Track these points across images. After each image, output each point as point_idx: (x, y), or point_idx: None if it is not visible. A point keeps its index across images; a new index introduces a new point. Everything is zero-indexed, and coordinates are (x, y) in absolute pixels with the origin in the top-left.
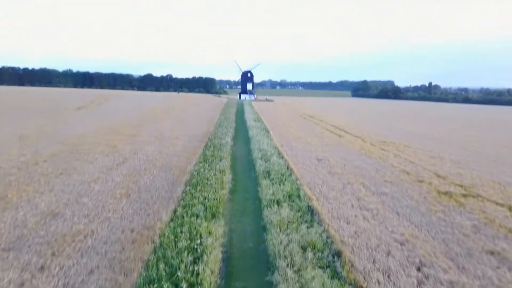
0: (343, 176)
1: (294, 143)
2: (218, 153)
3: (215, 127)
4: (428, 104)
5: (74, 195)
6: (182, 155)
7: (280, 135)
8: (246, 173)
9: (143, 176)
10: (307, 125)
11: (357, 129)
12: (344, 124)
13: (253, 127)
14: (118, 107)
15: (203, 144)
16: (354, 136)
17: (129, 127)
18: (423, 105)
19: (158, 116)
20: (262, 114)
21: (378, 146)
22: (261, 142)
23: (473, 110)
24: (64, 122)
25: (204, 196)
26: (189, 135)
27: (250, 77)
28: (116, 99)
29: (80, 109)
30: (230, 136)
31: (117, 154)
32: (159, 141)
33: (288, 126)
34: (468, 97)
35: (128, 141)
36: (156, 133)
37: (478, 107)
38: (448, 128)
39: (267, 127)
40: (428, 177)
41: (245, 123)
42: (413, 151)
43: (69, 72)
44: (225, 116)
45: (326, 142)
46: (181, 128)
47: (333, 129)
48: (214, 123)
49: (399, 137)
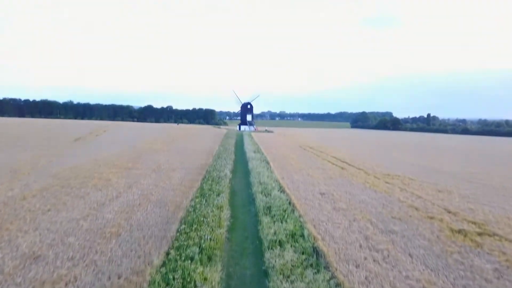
0: (348, 212)
1: (295, 175)
2: (216, 186)
3: (214, 158)
4: (427, 135)
5: (60, 234)
6: (178, 189)
7: (281, 167)
8: (246, 208)
9: (136, 212)
10: (308, 156)
11: (359, 161)
12: (345, 155)
13: (253, 158)
14: (116, 139)
15: (201, 176)
16: (357, 169)
17: (125, 159)
18: (423, 136)
19: (156, 148)
20: (262, 145)
21: (382, 179)
22: (261, 175)
23: (473, 141)
24: (59, 154)
25: (200, 236)
26: (187, 167)
27: (249, 108)
28: (115, 130)
29: (77, 140)
30: (229, 168)
31: (110, 188)
32: (155, 173)
33: (289, 158)
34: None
35: (123, 174)
36: (153, 165)
37: (477, 138)
38: (451, 160)
39: (267, 159)
40: (438, 213)
41: (245, 155)
42: (419, 185)
43: (70, 103)
44: (225, 147)
45: (329, 174)
46: (179, 160)
47: (335, 161)
48: (213, 155)
49: (403, 170)
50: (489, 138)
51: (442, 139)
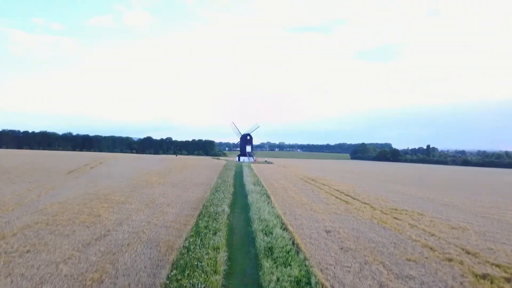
0: (358, 253)
1: (298, 210)
2: (212, 224)
3: (212, 192)
4: (428, 166)
5: (35, 281)
6: (172, 226)
7: (282, 201)
8: (245, 249)
9: (124, 254)
10: (309, 189)
11: (364, 194)
12: (348, 188)
13: (253, 191)
14: (112, 171)
15: (197, 212)
16: (362, 203)
17: (119, 192)
18: (424, 168)
19: (152, 180)
20: (262, 177)
21: (390, 214)
22: (262, 210)
23: (475, 173)
24: (50, 188)
25: (193, 284)
26: (183, 202)
27: (249, 139)
28: (112, 162)
29: (71, 173)
30: (227, 202)
31: (99, 225)
32: (149, 208)
33: (290, 191)
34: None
35: (114, 209)
36: (147, 200)
37: (478, 170)
38: (457, 193)
39: (268, 192)
40: (457, 254)
41: (244, 187)
42: (430, 220)
43: (69, 135)
44: (223, 179)
45: (333, 209)
46: (175, 194)
47: (338, 194)
48: (211, 188)
49: (409, 204)
50: (490, 169)
51: (444, 171)
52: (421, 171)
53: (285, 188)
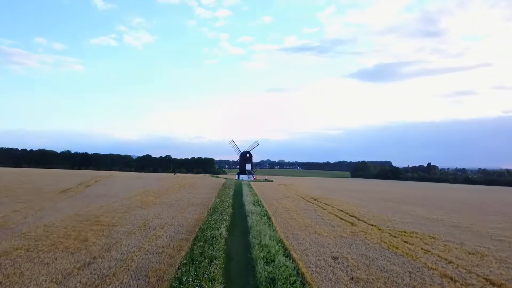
0: (370, 285)
1: (301, 234)
2: (208, 250)
3: (209, 213)
4: (429, 185)
5: None
6: (165, 252)
7: (284, 223)
8: (244, 280)
9: (108, 286)
10: (312, 209)
11: (369, 215)
12: (352, 208)
13: (252, 212)
14: (107, 190)
15: (193, 235)
16: (368, 224)
17: (111, 213)
18: (426, 186)
19: (147, 200)
20: (262, 196)
21: (399, 237)
22: (262, 234)
23: (478, 191)
24: (39, 208)
25: None
26: (178, 224)
27: (249, 157)
28: (108, 181)
29: (64, 192)
30: (225, 225)
31: (84, 251)
32: (141, 231)
33: (292, 211)
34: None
35: (104, 233)
36: (140, 221)
37: (480, 188)
38: (464, 213)
39: (268, 213)
40: (481, 286)
41: (243, 207)
42: (443, 245)
43: (67, 153)
44: (222, 199)
45: (339, 232)
46: (170, 215)
47: (342, 215)
48: (208, 208)
49: (418, 225)
50: (492, 188)
51: (447, 189)
52: (424, 190)
53: (287, 209)
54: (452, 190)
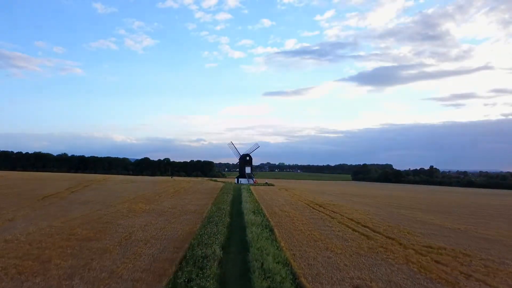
0: None
1: (311, 251)
2: (197, 278)
3: (203, 223)
4: (433, 188)
5: None
6: (142, 280)
7: (290, 237)
8: None
9: None
10: (319, 218)
11: (383, 224)
12: (363, 217)
13: (252, 223)
14: (94, 196)
15: (181, 254)
16: (386, 237)
17: (90, 224)
18: (430, 190)
19: (136, 208)
20: (263, 203)
21: (427, 255)
22: (265, 253)
23: (487, 195)
24: (9, 218)
25: None
26: (166, 237)
27: (248, 160)
28: (99, 185)
29: (45, 198)
30: (220, 240)
31: (40, 278)
32: (120, 248)
33: (297, 221)
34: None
35: (74, 250)
36: (122, 235)
37: (486, 192)
38: (486, 220)
39: (271, 224)
40: None
41: (242, 216)
42: (483, 265)
43: (64, 156)
44: (218, 206)
45: (354, 248)
46: (158, 226)
47: (354, 225)
48: (202, 217)
49: (443, 238)
50: (497, 191)
51: (454, 194)
52: (431, 194)
53: (291, 218)
54: (460, 194)
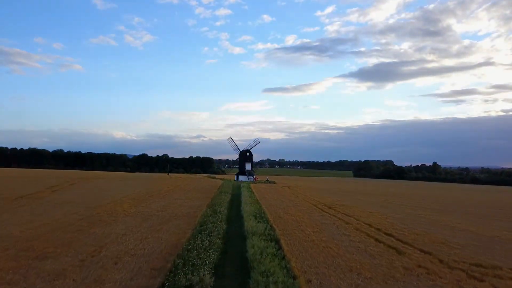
0: None
1: (331, 274)
2: None
3: (195, 231)
4: (438, 185)
5: None
6: None
7: (301, 252)
8: None
9: None
10: (332, 223)
11: (408, 232)
12: (382, 222)
13: (254, 232)
14: (76, 195)
15: (157, 282)
16: (420, 251)
17: (56, 233)
18: (438, 187)
19: (119, 210)
20: (265, 203)
21: (484, 280)
22: (271, 280)
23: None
24: None
25: None
26: (145, 253)
27: (248, 156)
28: (87, 183)
29: (19, 199)
30: (212, 258)
31: None
32: (82, 270)
33: (307, 228)
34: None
35: (16, 275)
36: (91, 248)
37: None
38: None
39: (277, 234)
40: None
41: (242, 222)
42: None
43: (60, 152)
44: (214, 208)
45: (385, 268)
46: (140, 235)
47: (375, 233)
48: (195, 223)
49: (488, 252)
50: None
51: (465, 191)
52: (441, 192)
53: (299, 223)
54: (469, 192)
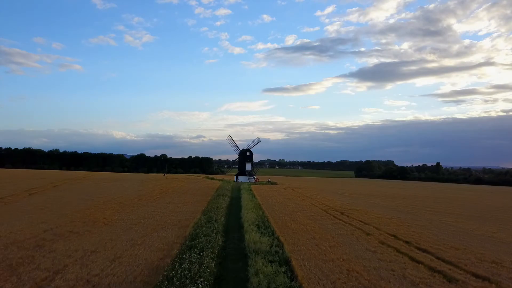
0: None
1: None
2: None
3: (183, 248)
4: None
5: None
6: None
7: (320, 276)
8: None
9: None
10: (350, 235)
11: (446, 246)
12: (407, 231)
13: (257, 249)
14: (54, 200)
15: None
16: (472, 275)
17: (21, 246)
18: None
19: (99, 218)
20: (268, 209)
21: None
22: None
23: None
24: None
25: None
26: (113, 281)
27: (249, 156)
28: (73, 185)
29: None
30: None
31: None
32: None
33: (321, 241)
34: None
35: None
36: (40, 276)
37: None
38: None
39: (286, 251)
40: None
41: (242, 233)
42: None
43: (55, 152)
44: (210, 215)
45: None
46: (110, 254)
47: (405, 247)
48: (184, 236)
49: None
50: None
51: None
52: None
53: (311, 235)
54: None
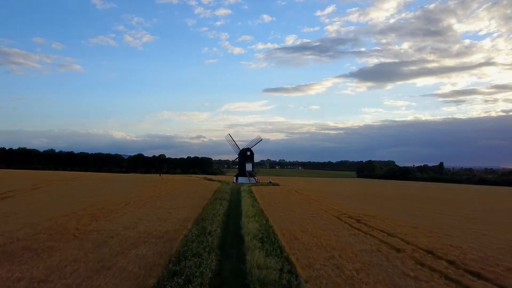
0: None
1: None
2: None
3: (163, 277)
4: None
5: None
6: None
7: None
8: None
9: None
10: (374, 250)
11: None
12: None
13: (263, 279)
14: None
15: None
16: None
17: None
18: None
19: (70, 228)
20: (273, 216)
21: None
22: None
23: None
24: None
25: None
26: None
27: (249, 155)
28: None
29: None
30: None
31: None
32: None
33: (342, 260)
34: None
35: None
36: None
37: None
38: None
39: (299, 276)
40: None
41: (241, 250)
42: None
43: (51, 152)
44: (204, 225)
45: None
46: (70, 283)
47: (451, 270)
48: (170, 254)
49: None
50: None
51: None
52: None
53: (328, 251)
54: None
